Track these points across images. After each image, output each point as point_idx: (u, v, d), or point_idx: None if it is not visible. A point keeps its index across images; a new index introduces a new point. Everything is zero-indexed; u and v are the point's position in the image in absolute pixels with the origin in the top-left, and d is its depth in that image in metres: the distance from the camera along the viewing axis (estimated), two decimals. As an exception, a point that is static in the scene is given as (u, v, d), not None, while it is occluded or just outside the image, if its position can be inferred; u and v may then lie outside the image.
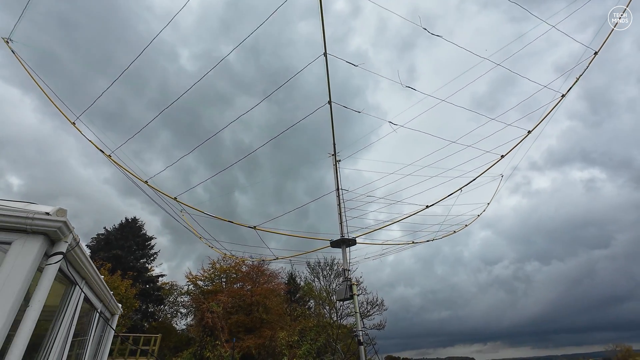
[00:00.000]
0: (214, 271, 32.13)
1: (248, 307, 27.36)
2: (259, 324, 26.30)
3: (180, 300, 38.06)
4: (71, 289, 3.13)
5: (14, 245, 2.25)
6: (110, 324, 5.17)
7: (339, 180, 7.51)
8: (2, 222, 2.23)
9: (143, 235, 44.08)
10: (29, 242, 2.29)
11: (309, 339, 20.49)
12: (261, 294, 28.46)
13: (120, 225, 42.51)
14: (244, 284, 31.34)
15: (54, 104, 5.99)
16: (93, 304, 4.04)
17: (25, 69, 5.66)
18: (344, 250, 6.99)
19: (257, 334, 24.35)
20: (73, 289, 3.17)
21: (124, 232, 41.30)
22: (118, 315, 5.48)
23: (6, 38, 5.64)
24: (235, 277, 32.48)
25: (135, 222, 43.56)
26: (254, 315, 26.68)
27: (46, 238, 2.38)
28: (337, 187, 7.55)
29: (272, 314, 27.39)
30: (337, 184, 7.55)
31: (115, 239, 39.86)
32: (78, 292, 3.26)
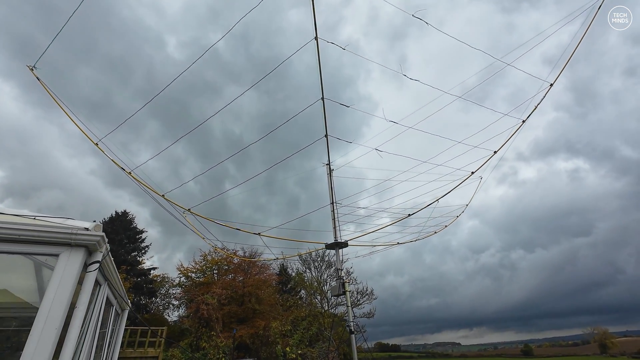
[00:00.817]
0: (205, 263, 32.35)
1: (240, 298, 27.94)
2: (251, 314, 26.95)
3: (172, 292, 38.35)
4: (98, 289, 3.55)
5: (62, 256, 2.66)
6: (122, 318, 5.61)
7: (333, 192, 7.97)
8: (51, 237, 2.63)
9: (134, 228, 44.00)
10: (73, 254, 2.70)
11: (301, 328, 21.20)
12: (253, 285, 29.04)
13: (110, 219, 42.35)
14: (235, 276, 31.86)
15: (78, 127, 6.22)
16: (110, 301, 4.46)
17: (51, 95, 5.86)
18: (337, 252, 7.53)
19: (249, 324, 25.00)
20: (99, 289, 3.59)
21: (115, 225, 41.17)
22: (127, 310, 5.91)
23: (30, 65, 5.82)
24: (227, 268, 32.92)
25: (125, 216, 43.43)
26: (246, 306, 27.30)
27: (86, 250, 2.79)
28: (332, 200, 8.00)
29: (264, 305, 28.07)
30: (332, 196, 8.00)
31: (106, 232, 39.54)
32: (103, 292, 3.68)
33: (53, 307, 2.48)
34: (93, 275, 2.82)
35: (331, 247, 7.60)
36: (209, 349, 16.75)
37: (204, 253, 31.99)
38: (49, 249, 2.67)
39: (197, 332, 17.29)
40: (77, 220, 3.04)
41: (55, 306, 2.49)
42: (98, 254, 2.89)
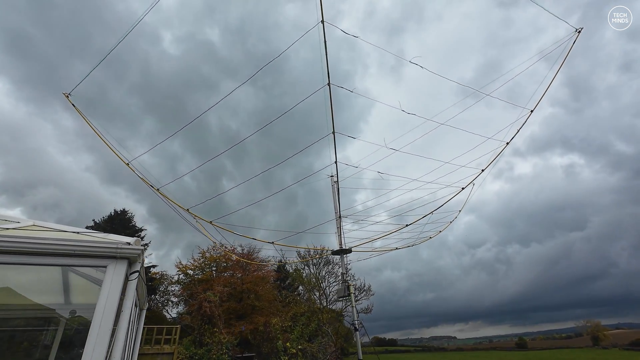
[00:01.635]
0: (204, 260, 32.73)
1: (239, 295, 28.42)
2: (250, 310, 27.47)
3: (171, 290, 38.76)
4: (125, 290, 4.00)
5: (109, 268, 3.10)
6: (141, 317, 6.06)
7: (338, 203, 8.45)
8: (100, 252, 3.07)
9: (133, 226, 44.31)
10: (118, 266, 3.14)
11: (300, 324, 21.79)
12: (251, 281, 29.54)
13: (109, 217, 42.60)
14: (234, 272, 32.31)
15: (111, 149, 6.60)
16: (135, 302, 4.91)
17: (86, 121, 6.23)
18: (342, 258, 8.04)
19: (248, 320, 25.51)
20: (131, 293, 4.04)
21: (114, 224, 41.44)
22: (145, 310, 6.36)
23: (66, 93, 6.18)
24: (226, 265, 33.36)
25: (124, 214, 43.71)
26: (245, 302, 27.81)
27: (128, 261, 3.23)
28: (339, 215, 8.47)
29: (263, 301, 28.59)
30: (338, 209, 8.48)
31: (105, 231, 40.09)
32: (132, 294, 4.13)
33: (105, 312, 2.92)
34: (134, 283, 3.26)
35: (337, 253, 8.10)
36: (212, 344, 17.27)
37: (202, 250, 32.36)
38: (98, 262, 3.11)
39: (200, 328, 17.82)
40: (116, 235, 3.48)
41: (107, 311, 2.93)
42: (137, 265, 3.33)
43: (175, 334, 14.75)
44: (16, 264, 2.97)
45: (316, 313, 25.48)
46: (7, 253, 2.84)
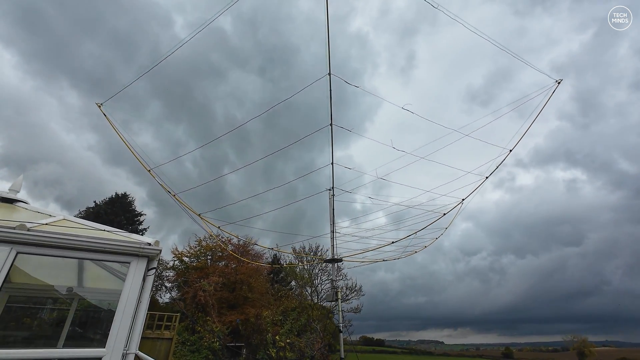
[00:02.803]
0: (200, 248, 33.25)
1: (232, 285, 29.00)
2: (241, 300, 28.06)
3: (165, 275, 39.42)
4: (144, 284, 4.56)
5: (132, 264, 3.65)
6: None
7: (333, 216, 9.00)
8: (126, 250, 3.62)
9: (132, 210, 45.00)
10: (140, 263, 3.69)
11: (291, 318, 22.44)
12: (245, 272, 30.12)
13: (110, 200, 43.24)
14: (228, 262, 32.92)
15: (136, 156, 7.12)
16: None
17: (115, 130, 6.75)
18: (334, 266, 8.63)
19: (239, 311, 26.12)
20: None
21: (115, 207, 42.10)
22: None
23: (99, 103, 6.68)
24: (221, 255, 33.98)
25: (125, 198, 44.35)
26: (238, 293, 28.40)
27: (148, 259, 3.78)
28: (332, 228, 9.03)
29: (255, 293, 29.20)
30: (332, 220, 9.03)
31: (106, 213, 40.69)
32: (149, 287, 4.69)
33: (128, 301, 3.48)
34: (151, 278, 3.82)
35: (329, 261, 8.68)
36: (204, 332, 17.91)
37: (199, 239, 32.88)
38: (123, 258, 3.66)
39: (194, 316, 18.43)
40: (137, 235, 4.03)
41: (129, 300, 3.49)
42: (155, 262, 3.88)
43: (175, 321, 15.42)
44: (55, 256, 3.52)
45: (306, 309, 26.15)
46: (49, 246, 3.40)
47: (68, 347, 5.72)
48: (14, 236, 3.23)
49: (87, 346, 6.25)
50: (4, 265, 3.13)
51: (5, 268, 3.13)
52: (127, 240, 3.72)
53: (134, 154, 7.27)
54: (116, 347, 3.27)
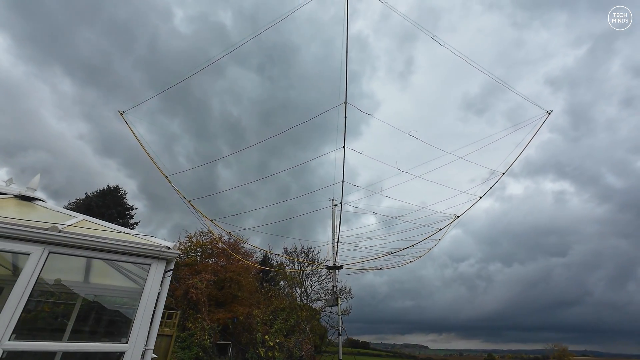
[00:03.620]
0: (190, 244, 33.23)
1: (221, 282, 29.06)
2: (230, 299, 28.14)
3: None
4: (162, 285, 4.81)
5: (152, 266, 3.92)
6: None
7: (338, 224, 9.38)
8: (148, 253, 3.89)
9: (124, 204, 44.70)
10: (159, 265, 3.96)
11: (280, 318, 22.67)
12: (235, 271, 30.19)
13: (102, 192, 42.90)
14: (218, 260, 32.95)
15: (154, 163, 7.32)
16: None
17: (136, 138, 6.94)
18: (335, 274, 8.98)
19: (227, 309, 26.21)
20: (156, 284, 4.85)
21: (106, 199, 41.79)
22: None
23: (121, 111, 6.88)
24: (211, 252, 33.98)
25: (117, 191, 44.03)
26: (226, 291, 28.47)
27: (167, 262, 4.05)
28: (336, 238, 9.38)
29: (244, 291, 29.31)
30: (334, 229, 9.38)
31: (97, 205, 40.35)
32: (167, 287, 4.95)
33: (148, 301, 3.76)
34: (168, 279, 4.09)
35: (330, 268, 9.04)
36: (195, 329, 18.06)
37: (189, 234, 32.84)
38: (145, 260, 3.93)
39: (185, 313, 18.56)
40: (156, 238, 4.30)
41: (149, 300, 3.77)
42: (172, 264, 4.16)
43: (175, 318, 15.57)
44: (79, 257, 3.78)
45: (296, 310, 26.40)
46: (77, 247, 3.65)
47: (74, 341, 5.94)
48: (46, 237, 3.48)
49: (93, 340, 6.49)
50: (38, 263, 3.38)
51: (39, 266, 3.38)
52: (148, 243, 3.99)
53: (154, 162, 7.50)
54: (138, 344, 3.54)
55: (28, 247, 3.40)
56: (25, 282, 3.27)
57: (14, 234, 3.38)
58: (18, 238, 3.39)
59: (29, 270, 3.32)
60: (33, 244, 3.44)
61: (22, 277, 3.28)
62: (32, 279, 3.31)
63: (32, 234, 3.44)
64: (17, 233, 3.40)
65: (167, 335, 14.04)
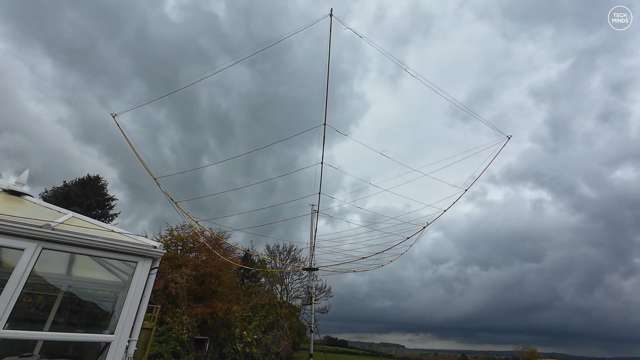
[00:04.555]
0: (170, 238, 32.91)
1: (201, 277, 28.97)
2: (209, 294, 28.13)
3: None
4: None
5: (139, 264, 4.21)
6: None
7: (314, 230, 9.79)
8: (136, 251, 4.18)
9: (104, 194, 43.79)
10: (145, 262, 4.25)
11: (259, 315, 22.97)
12: (216, 266, 30.14)
13: (81, 182, 41.90)
14: (199, 254, 32.81)
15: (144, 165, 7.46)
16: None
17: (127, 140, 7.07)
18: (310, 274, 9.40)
19: (206, 304, 26.23)
20: (140, 280, 5.13)
21: (85, 189, 40.85)
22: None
23: (114, 114, 6.98)
24: (192, 246, 33.81)
25: (97, 181, 43.11)
26: (206, 286, 28.42)
27: (152, 260, 4.35)
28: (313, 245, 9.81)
29: (224, 287, 29.32)
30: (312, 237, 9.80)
31: (75, 195, 39.40)
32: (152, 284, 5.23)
33: (134, 296, 4.06)
34: (153, 276, 4.39)
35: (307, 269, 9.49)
36: (173, 324, 18.16)
37: (170, 228, 32.52)
38: (132, 258, 4.22)
39: (163, 307, 18.61)
40: (144, 238, 4.59)
41: (135, 295, 4.07)
42: (157, 262, 4.46)
43: (156, 312, 15.64)
44: (72, 253, 4.04)
45: (275, 307, 26.72)
46: (69, 244, 3.92)
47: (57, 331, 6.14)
48: (40, 234, 3.74)
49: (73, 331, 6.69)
50: (32, 259, 3.64)
51: (32, 261, 3.64)
52: (136, 242, 4.28)
53: (143, 164, 7.68)
54: (123, 335, 3.85)
55: (23, 243, 3.65)
56: (19, 276, 3.52)
57: (9, 230, 3.62)
58: (13, 234, 3.64)
59: (23, 264, 3.58)
60: (27, 240, 3.69)
61: (16, 271, 3.53)
62: (26, 273, 3.57)
63: (26, 231, 3.69)
64: (12, 229, 3.64)
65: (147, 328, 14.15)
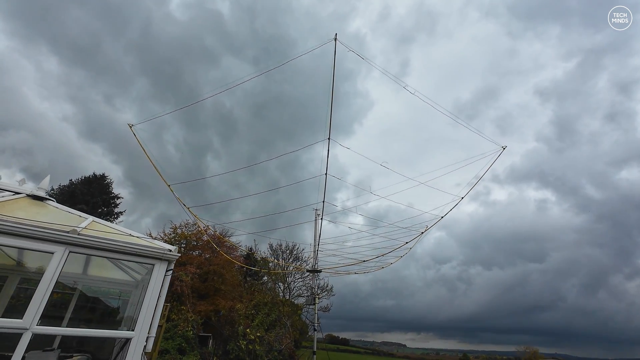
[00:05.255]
0: (174, 236, 33.30)
1: (204, 275, 29.38)
2: (212, 291, 28.54)
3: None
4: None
5: (155, 266, 4.55)
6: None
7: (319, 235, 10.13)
8: (152, 254, 4.52)
9: (109, 192, 44.33)
10: (161, 265, 4.59)
11: (262, 313, 23.35)
12: (219, 264, 30.54)
13: (87, 180, 42.45)
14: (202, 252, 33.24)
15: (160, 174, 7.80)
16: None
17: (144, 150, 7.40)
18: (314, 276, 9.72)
19: (209, 301, 26.63)
20: (155, 280, 5.47)
21: (91, 187, 41.39)
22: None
23: (131, 124, 7.32)
24: (196, 244, 34.25)
25: (103, 179, 43.63)
26: (209, 284, 28.84)
27: (168, 262, 4.69)
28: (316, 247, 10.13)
29: (227, 285, 29.72)
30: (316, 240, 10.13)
31: (81, 193, 39.95)
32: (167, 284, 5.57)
33: (152, 296, 4.40)
34: (169, 277, 4.73)
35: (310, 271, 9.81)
36: (179, 321, 18.57)
37: (174, 225, 32.93)
38: (149, 261, 4.56)
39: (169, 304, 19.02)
40: (159, 242, 4.92)
41: (152, 295, 4.41)
42: (172, 264, 4.80)
43: (166, 310, 16.05)
44: (95, 256, 4.38)
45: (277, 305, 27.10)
46: (93, 248, 4.26)
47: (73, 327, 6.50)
48: (68, 238, 4.08)
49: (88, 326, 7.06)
50: (60, 261, 3.99)
51: (61, 264, 3.98)
52: (153, 246, 4.62)
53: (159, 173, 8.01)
54: (142, 331, 4.19)
55: (52, 247, 4.00)
56: (50, 278, 3.87)
57: (40, 235, 3.97)
58: (43, 239, 3.98)
59: (53, 267, 3.92)
60: (56, 245, 4.03)
61: (47, 273, 3.88)
62: (56, 275, 3.91)
63: (55, 236, 4.04)
64: (42, 234, 3.99)
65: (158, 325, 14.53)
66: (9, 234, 3.79)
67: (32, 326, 3.59)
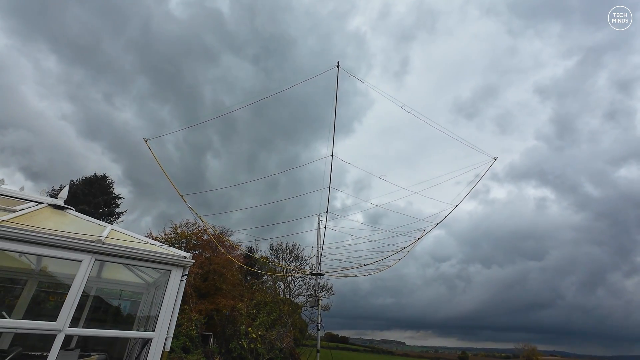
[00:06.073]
0: (175, 235, 33.58)
1: (205, 274, 29.71)
2: (213, 290, 28.89)
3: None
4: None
5: (172, 272, 4.94)
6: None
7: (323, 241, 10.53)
8: (169, 260, 4.90)
9: (110, 193, 44.69)
10: (178, 271, 4.98)
11: (264, 312, 23.77)
12: (219, 263, 30.86)
13: (88, 180, 42.81)
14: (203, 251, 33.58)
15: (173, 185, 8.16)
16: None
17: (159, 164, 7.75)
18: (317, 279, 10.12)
19: (210, 300, 27.00)
20: (169, 284, 5.86)
21: (93, 188, 41.76)
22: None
23: (146, 138, 7.67)
24: (196, 244, 34.58)
25: (104, 180, 44.00)
26: (210, 283, 29.18)
27: (183, 268, 5.08)
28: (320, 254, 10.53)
29: (228, 284, 30.07)
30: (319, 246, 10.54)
31: (83, 194, 40.30)
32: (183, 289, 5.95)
33: (170, 299, 4.78)
34: (184, 283, 5.12)
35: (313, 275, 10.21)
36: (182, 320, 18.97)
37: (175, 225, 33.22)
38: (166, 267, 4.95)
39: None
40: (174, 249, 5.31)
41: (170, 299, 4.80)
42: (187, 270, 5.19)
43: None
44: (117, 263, 4.77)
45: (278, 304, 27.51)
46: (116, 256, 4.64)
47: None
48: (94, 247, 4.46)
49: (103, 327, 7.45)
50: (88, 268, 4.37)
51: (88, 271, 4.36)
52: (170, 253, 5.01)
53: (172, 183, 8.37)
54: (162, 332, 4.58)
55: (80, 256, 4.38)
56: (79, 284, 4.25)
57: (70, 245, 4.35)
58: (72, 248, 4.36)
59: (81, 274, 4.31)
60: (83, 253, 4.42)
61: (76, 279, 4.26)
62: (84, 281, 4.30)
63: (82, 245, 4.42)
64: (70, 244, 4.37)
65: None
66: (42, 245, 4.17)
67: (65, 328, 3.98)
